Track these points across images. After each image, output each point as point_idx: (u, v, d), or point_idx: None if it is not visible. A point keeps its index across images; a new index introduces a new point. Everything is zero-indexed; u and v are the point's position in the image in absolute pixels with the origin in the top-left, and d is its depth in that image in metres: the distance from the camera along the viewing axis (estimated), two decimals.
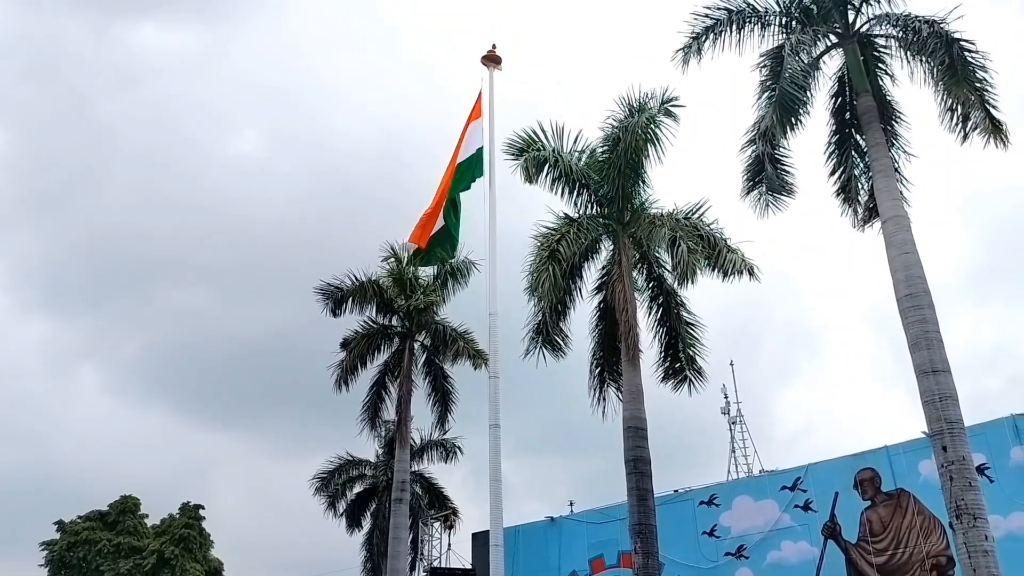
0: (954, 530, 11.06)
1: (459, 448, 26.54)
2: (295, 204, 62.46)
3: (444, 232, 15.42)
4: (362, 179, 63.42)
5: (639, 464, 14.50)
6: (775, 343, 57.29)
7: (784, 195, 14.66)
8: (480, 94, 15.52)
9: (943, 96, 13.36)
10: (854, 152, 14.68)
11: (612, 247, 16.27)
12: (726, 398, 27.37)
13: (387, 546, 20.78)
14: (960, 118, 13.43)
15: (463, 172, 15.11)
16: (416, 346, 21.48)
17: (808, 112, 14.09)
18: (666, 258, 16.02)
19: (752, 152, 14.23)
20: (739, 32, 14.32)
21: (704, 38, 14.34)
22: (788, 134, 13.82)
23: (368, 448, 26.68)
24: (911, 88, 13.86)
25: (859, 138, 14.40)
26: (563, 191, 16.27)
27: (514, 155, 15.92)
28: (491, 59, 15.48)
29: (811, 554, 19.06)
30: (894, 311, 12.36)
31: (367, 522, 27.11)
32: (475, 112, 15.48)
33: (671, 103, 15.54)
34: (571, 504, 24.99)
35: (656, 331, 16.85)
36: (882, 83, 14.26)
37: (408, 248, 18.62)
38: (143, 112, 66.12)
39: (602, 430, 16.41)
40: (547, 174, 16.04)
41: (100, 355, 67.10)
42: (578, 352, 16.82)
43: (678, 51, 14.44)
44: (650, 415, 14.93)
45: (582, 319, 16.91)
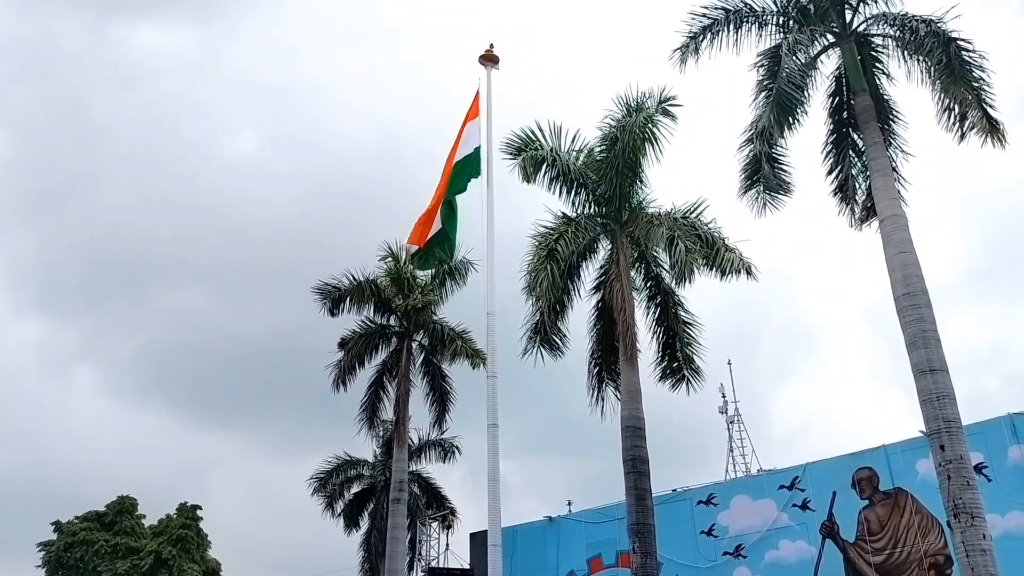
0: (952, 529, 11.08)
1: (457, 448, 26.53)
2: (294, 204, 62.46)
3: (441, 235, 15.45)
4: (361, 179, 63.44)
5: (637, 464, 14.52)
6: (773, 342, 57.39)
7: (781, 194, 14.65)
8: (477, 93, 15.55)
9: (940, 95, 13.36)
10: (851, 151, 14.69)
11: (610, 246, 16.28)
12: (724, 397, 27.38)
13: (385, 546, 20.78)
14: (957, 117, 13.42)
15: (461, 171, 15.13)
16: (414, 346, 21.48)
17: (805, 111, 14.12)
18: (664, 257, 16.03)
19: (749, 151, 14.22)
20: (736, 32, 14.34)
21: (701, 38, 14.36)
22: (785, 133, 13.84)
23: (366, 448, 26.68)
24: (908, 87, 13.90)
25: (856, 137, 14.40)
26: (561, 190, 16.30)
27: (512, 154, 15.93)
28: (488, 59, 15.52)
29: (809, 553, 19.07)
30: (892, 310, 12.38)
31: (365, 522, 27.07)
32: (472, 112, 15.51)
33: (669, 103, 15.56)
34: (569, 504, 25.02)
35: (654, 331, 16.88)
36: (879, 82, 14.27)
37: (407, 250, 18.65)
38: (141, 112, 66.08)
39: (600, 430, 16.44)
40: (545, 173, 16.05)
41: (97, 355, 67.06)
42: (576, 352, 16.86)
43: (675, 51, 14.47)
44: (648, 415, 14.96)
45: (580, 319, 16.95)
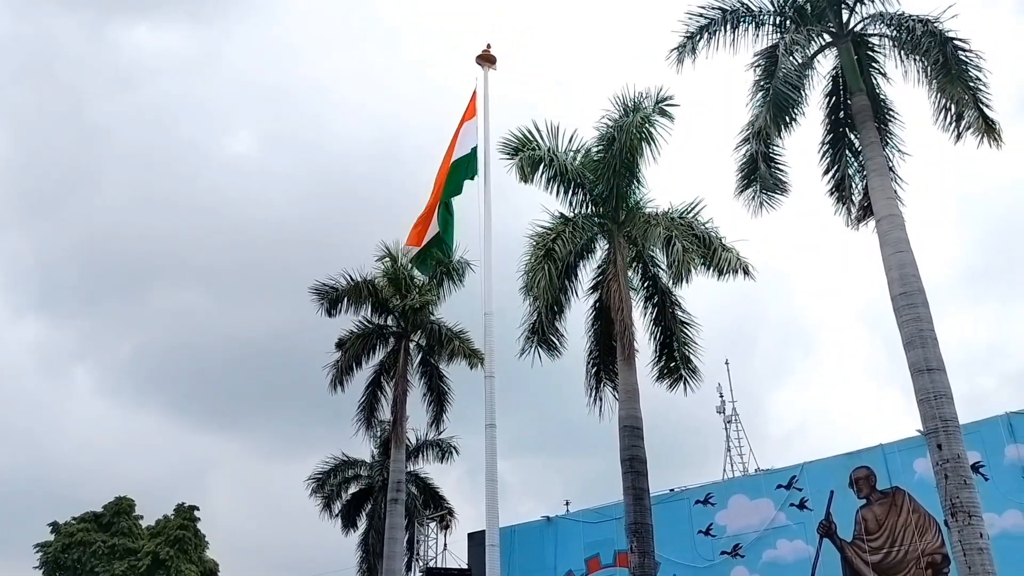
0: (949, 528, 11.10)
1: (455, 448, 26.53)
2: (292, 204, 62.37)
3: (439, 237, 15.44)
4: (361, 179, 63.38)
5: (635, 463, 14.52)
6: (770, 342, 57.42)
7: (778, 194, 14.66)
8: (474, 94, 15.52)
9: (937, 95, 13.36)
10: (848, 151, 14.70)
11: (607, 246, 16.28)
12: (721, 397, 27.47)
13: (383, 546, 20.74)
14: (954, 117, 13.43)
15: (458, 171, 15.11)
16: (411, 346, 21.47)
17: (802, 111, 14.13)
18: (661, 257, 16.05)
19: (746, 151, 14.22)
20: (733, 31, 14.34)
21: (698, 37, 14.35)
22: (782, 133, 13.84)
23: (364, 448, 26.66)
24: (905, 87, 13.89)
25: (853, 137, 14.41)
26: (558, 190, 16.31)
27: (509, 154, 15.94)
28: (486, 58, 15.49)
29: (807, 553, 19.09)
30: (888, 310, 12.39)
31: (363, 522, 27.05)
32: (469, 111, 15.48)
33: (666, 102, 15.58)
34: (567, 504, 25.02)
35: (651, 330, 16.90)
36: (876, 82, 14.28)
37: (407, 252, 18.63)
38: (140, 112, 65.98)
39: (598, 429, 16.46)
40: (542, 173, 16.06)
41: (95, 356, 66.96)
42: (574, 352, 16.87)
43: (672, 50, 14.46)
44: (646, 414, 14.96)
45: (578, 318, 16.97)
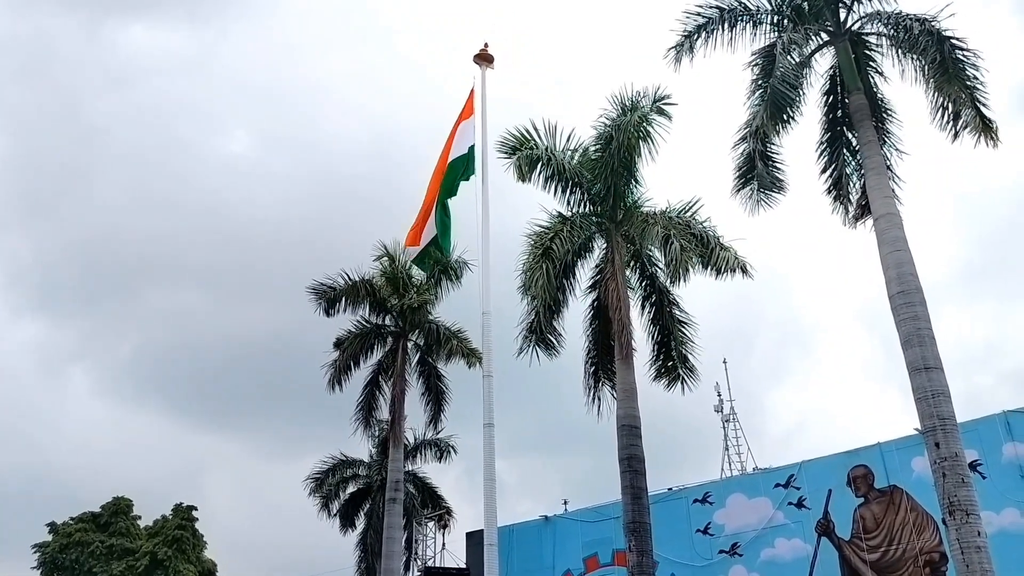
0: (947, 526, 11.10)
1: (453, 447, 26.53)
2: (291, 204, 62.26)
3: (435, 240, 15.41)
4: (359, 179, 63.26)
5: (633, 462, 14.53)
6: (768, 341, 57.40)
7: (775, 193, 14.67)
8: (472, 93, 15.49)
9: (934, 94, 13.39)
10: (845, 150, 14.71)
11: (605, 245, 16.29)
12: (719, 396, 27.44)
13: (381, 546, 20.74)
14: (951, 116, 13.46)
15: (455, 170, 15.08)
16: (409, 345, 21.47)
17: (800, 110, 14.13)
18: (659, 256, 16.06)
19: (744, 150, 14.24)
20: (731, 30, 14.35)
21: (696, 36, 14.36)
22: (780, 132, 13.88)
23: (362, 448, 26.64)
24: (902, 86, 13.91)
25: (851, 136, 14.41)
26: (556, 190, 16.32)
27: (507, 154, 15.94)
28: (483, 58, 15.44)
29: (805, 551, 19.10)
30: (886, 308, 12.40)
31: (361, 522, 27.03)
32: (466, 111, 15.44)
33: (663, 101, 15.60)
34: (565, 503, 24.98)
35: (649, 330, 16.91)
36: (874, 81, 14.30)
37: (406, 252, 18.60)
38: (137, 112, 65.73)
39: (596, 429, 16.47)
40: (540, 173, 16.07)
41: (94, 356, 66.78)
42: (572, 351, 16.88)
43: (670, 49, 14.47)
44: (644, 413, 14.98)
45: (576, 318, 16.97)
